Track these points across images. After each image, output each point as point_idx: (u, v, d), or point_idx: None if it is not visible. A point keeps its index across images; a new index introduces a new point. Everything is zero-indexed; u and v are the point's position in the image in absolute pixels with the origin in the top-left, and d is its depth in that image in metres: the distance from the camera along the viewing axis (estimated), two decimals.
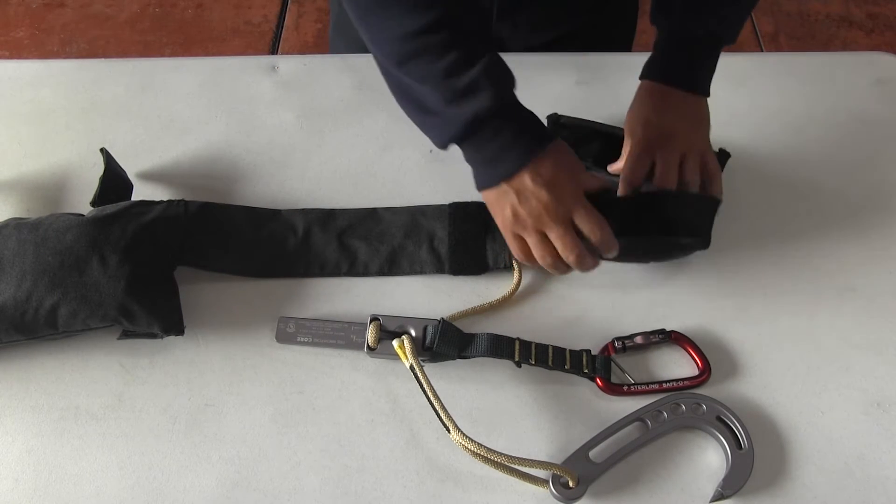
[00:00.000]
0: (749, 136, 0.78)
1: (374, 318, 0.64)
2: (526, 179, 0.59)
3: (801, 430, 0.61)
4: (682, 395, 0.61)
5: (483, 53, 0.58)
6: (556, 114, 0.76)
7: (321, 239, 0.71)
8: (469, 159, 0.62)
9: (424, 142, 0.65)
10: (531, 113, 0.61)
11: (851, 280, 0.69)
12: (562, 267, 0.62)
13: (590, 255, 0.61)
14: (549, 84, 0.83)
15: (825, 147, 0.79)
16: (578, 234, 0.60)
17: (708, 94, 0.69)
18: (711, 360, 0.63)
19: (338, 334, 0.64)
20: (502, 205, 0.61)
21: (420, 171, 0.76)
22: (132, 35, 2.02)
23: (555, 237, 0.60)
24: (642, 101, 0.69)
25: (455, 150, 0.62)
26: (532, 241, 0.61)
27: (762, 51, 2.00)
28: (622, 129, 0.69)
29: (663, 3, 0.69)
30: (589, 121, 0.76)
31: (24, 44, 2.01)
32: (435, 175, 0.64)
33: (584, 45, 0.88)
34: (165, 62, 0.88)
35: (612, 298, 0.68)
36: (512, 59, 0.56)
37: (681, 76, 0.68)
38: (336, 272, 0.69)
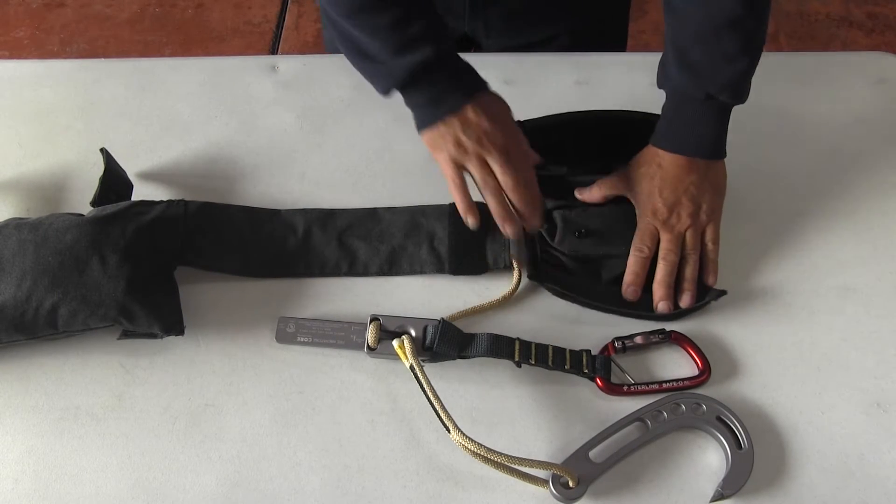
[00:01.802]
0: (749, 136, 0.78)
1: (374, 318, 0.64)
2: (469, 112, 0.63)
3: (801, 430, 0.61)
4: (682, 395, 0.61)
5: (425, 10, 0.63)
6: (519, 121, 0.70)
7: (321, 239, 0.71)
8: (411, 104, 0.66)
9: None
10: (469, 64, 0.66)
11: (851, 280, 0.69)
12: (499, 198, 0.64)
13: (528, 185, 0.64)
14: (548, 84, 0.83)
15: (825, 147, 0.79)
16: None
17: (719, 157, 0.68)
18: (711, 360, 0.63)
19: (338, 334, 0.64)
20: (445, 137, 0.64)
21: (420, 171, 0.76)
22: (132, 35, 2.02)
23: (495, 162, 0.64)
24: (648, 171, 0.68)
25: None
26: (474, 168, 0.64)
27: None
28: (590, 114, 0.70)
29: (665, 64, 0.67)
30: (550, 116, 0.73)
31: (24, 44, 2.01)
32: (435, 175, 0.64)
33: (568, 50, 0.87)
34: (165, 62, 0.88)
35: None
36: (511, 59, 0.56)
37: (681, 141, 0.67)
38: (336, 272, 0.69)
